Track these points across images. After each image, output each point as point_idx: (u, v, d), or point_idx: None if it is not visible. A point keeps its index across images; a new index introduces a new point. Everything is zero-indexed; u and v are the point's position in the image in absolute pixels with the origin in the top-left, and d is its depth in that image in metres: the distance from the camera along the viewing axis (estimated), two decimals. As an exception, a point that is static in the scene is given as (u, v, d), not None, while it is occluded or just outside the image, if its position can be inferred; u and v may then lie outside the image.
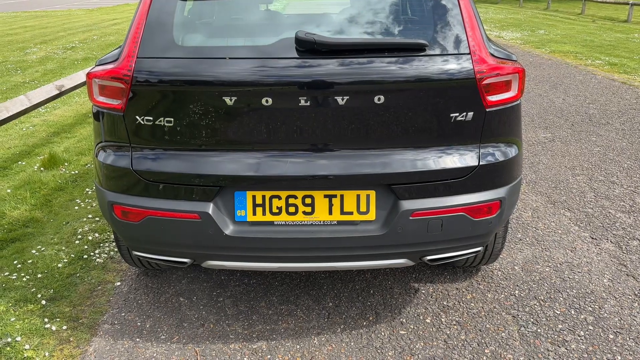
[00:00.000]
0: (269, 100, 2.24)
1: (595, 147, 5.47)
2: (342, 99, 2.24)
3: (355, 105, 2.26)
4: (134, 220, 2.44)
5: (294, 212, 2.38)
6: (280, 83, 2.23)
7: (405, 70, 2.25)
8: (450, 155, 2.36)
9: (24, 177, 4.82)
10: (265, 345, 2.64)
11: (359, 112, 2.27)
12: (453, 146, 2.37)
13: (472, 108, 2.31)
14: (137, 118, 2.32)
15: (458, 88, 2.28)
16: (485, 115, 2.34)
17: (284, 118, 2.28)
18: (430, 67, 2.26)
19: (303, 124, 2.29)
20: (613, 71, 9.36)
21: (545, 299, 2.96)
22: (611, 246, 3.51)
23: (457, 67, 2.26)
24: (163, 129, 2.32)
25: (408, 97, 2.28)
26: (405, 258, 2.50)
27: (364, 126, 2.29)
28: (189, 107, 2.27)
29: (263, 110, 2.27)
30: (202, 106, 2.27)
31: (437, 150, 2.36)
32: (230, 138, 2.32)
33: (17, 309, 2.93)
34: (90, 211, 4.11)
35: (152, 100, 2.30)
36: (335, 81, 2.22)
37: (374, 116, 2.28)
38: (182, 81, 2.26)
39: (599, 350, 2.56)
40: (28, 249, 3.56)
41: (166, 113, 2.30)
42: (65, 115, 7.02)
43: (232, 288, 3.10)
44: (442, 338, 2.66)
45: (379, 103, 2.25)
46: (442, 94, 2.28)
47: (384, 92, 2.24)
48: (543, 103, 7.24)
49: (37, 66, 10.50)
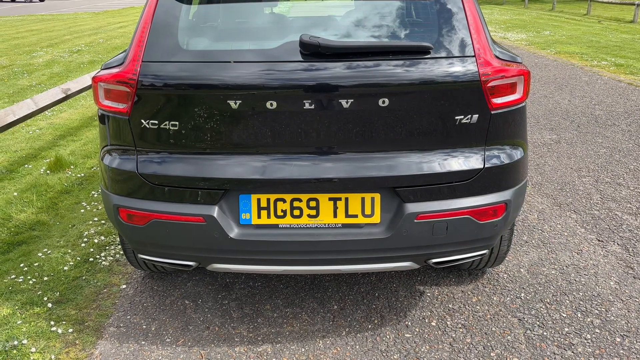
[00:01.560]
0: (274, 104, 2.24)
1: (602, 148, 5.44)
2: (347, 102, 2.24)
3: (360, 108, 2.25)
4: (140, 223, 2.44)
5: (298, 215, 2.38)
6: (285, 86, 2.23)
7: (410, 73, 2.24)
8: (455, 158, 2.35)
9: (30, 180, 4.84)
10: (270, 348, 2.64)
11: (363, 115, 2.27)
12: (458, 149, 2.36)
13: (477, 111, 2.30)
14: (143, 122, 2.33)
15: (463, 91, 2.27)
16: (490, 118, 2.33)
17: (289, 121, 2.28)
18: (435, 69, 2.25)
19: (307, 127, 2.29)
20: (619, 72, 9.31)
21: (551, 301, 2.94)
22: (618, 248, 3.49)
23: (462, 70, 2.26)
24: (168, 132, 2.33)
25: (413, 99, 2.27)
26: (410, 261, 2.50)
27: (369, 129, 2.29)
28: (194, 111, 2.28)
29: (268, 114, 2.27)
30: (207, 109, 2.27)
31: (442, 153, 2.35)
32: (235, 141, 2.32)
33: (24, 312, 2.94)
34: (96, 214, 4.12)
35: (158, 104, 2.31)
36: (339, 84, 2.22)
37: (379, 119, 2.27)
38: (187, 85, 2.27)
39: (605, 353, 2.55)
40: (34, 252, 3.58)
41: (171, 117, 2.31)
42: (71, 118, 7.05)
43: (237, 291, 3.10)
44: (447, 341, 2.65)
45: (383, 106, 2.25)
46: (447, 96, 2.28)
47: (388, 94, 2.24)
48: (548, 104, 7.22)
49: (44, 69, 10.56)
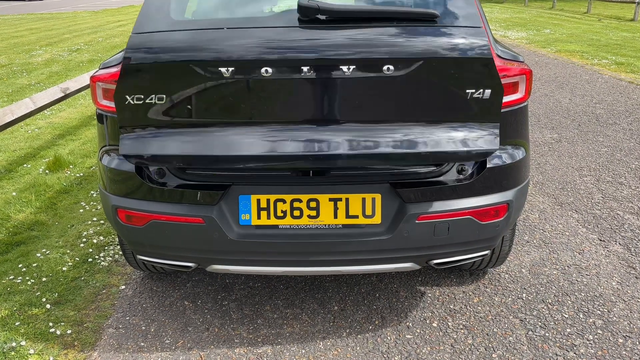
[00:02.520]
0: (269, 71, 2.13)
1: (603, 147, 5.42)
2: (349, 68, 2.13)
3: (361, 77, 2.14)
4: (138, 224, 2.42)
5: (298, 215, 2.36)
6: (281, 53, 2.13)
7: (414, 42, 2.14)
8: (463, 133, 2.22)
9: (29, 179, 4.82)
10: (270, 349, 2.62)
11: (365, 85, 2.16)
12: (467, 124, 2.23)
13: (486, 84, 2.18)
14: (127, 97, 2.22)
15: (471, 62, 2.16)
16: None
17: (286, 91, 2.18)
18: (443, 39, 2.16)
19: (305, 96, 2.18)
20: (620, 71, 9.29)
21: (553, 302, 2.93)
22: (620, 248, 3.47)
23: (470, 41, 2.15)
24: (159, 106, 2.21)
25: (420, 70, 2.15)
26: (411, 262, 2.48)
27: (371, 100, 2.18)
28: (190, 83, 2.18)
29: (264, 83, 2.15)
30: (203, 82, 2.17)
31: (450, 128, 2.22)
32: (232, 113, 2.21)
33: (22, 313, 2.92)
34: (95, 214, 4.10)
35: (146, 78, 2.20)
36: (339, 51, 2.11)
37: (382, 90, 2.17)
38: (184, 60, 2.17)
39: (608, 354, 2.53)
40: (33, 252, 3.56)
41: (158, 91, 2.19)
42: (70, 117, 7.03)
43: (236, 292, 3.08)
44: (449, 342, 2.63)
45: (387, 74, 2.14)
46: (456, 68, 2.17)
47: (391, 62, 2.12)
48: (549, 103, 7.19)
49: (43, 68, 10.53)
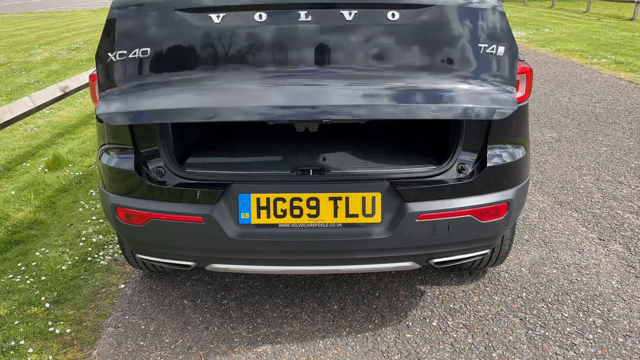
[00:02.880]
0: (263, 16, 2.06)
1: (602, 146, 5.42)
2: (350, 13, 2.07)
3: (364, 23, 2.07)
4: (138, 223, 2.42)
5: (298, 214, 2.36)
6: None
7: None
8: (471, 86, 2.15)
9: (28, 178, 4.81)
10: (270, 348, 2.62)
11: (367, 31, 2.08)
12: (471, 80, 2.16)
13: (498, 39, 2.15)
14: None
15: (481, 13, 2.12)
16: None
17: (281, 37, 2.09)
18: None
19: (302, 43, 2.09)
20: (619, 70, 9.29)
21: (553, 301, 2.92)
22: (619, 247, 3.47)
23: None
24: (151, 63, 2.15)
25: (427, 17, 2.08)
26: (411, 261, 2.48)
27: (375, 47, 2.10)
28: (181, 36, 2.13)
29: (257, 29, 2.06)
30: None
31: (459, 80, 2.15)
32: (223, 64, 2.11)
33: (21, 312, 2.91)
34: (94, 213, 4.09)
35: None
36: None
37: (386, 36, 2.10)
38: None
39: (608, 354, 2.53)
40: (32, 251, 3.55)
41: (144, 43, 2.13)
42: (69, 116, 7.02)
43: (236, 290, 3.08)
44: (448, 342, 2.63)
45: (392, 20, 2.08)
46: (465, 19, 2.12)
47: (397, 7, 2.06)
48: (549, 102, 7.19)
49: (42, 67, 10.52)
